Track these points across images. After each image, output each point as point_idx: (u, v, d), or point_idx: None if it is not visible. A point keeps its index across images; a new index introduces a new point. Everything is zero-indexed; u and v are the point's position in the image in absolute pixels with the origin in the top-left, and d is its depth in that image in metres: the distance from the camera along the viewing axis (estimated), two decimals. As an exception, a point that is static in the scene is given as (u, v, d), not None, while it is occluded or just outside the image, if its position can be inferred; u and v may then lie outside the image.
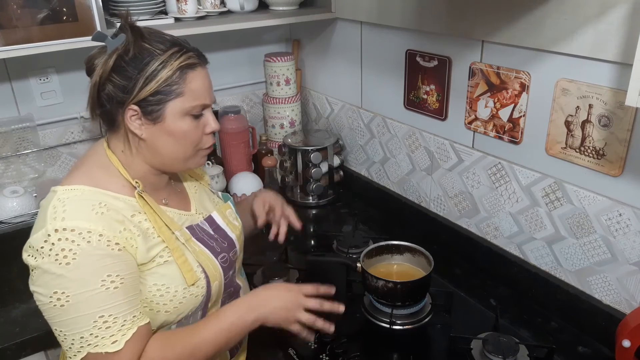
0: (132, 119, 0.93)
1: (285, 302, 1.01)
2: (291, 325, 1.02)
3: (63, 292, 0.83)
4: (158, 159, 0.98)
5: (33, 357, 1.25)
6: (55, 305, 0.84)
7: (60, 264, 0.82)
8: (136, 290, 0.90)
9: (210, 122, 0.99)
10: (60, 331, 0.85)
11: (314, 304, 1.03)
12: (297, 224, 1.27)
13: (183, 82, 0.92)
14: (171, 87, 0.91)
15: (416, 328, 1.22)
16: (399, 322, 1.22)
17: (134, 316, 0.88)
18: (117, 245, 0.87)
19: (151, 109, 0.92)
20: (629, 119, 1.03)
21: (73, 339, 0.85)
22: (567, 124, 1.15)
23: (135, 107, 0.91)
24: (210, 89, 0.99)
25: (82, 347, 0.85)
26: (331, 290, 1.08)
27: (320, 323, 1.03)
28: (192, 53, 0.94)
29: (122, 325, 0.86)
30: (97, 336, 0.84)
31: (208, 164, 1.83)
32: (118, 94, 0.91)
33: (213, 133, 1.01)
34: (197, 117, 0.96)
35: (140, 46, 0.90)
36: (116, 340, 0.85)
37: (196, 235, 1.02)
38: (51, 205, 0.87)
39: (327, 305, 1.04)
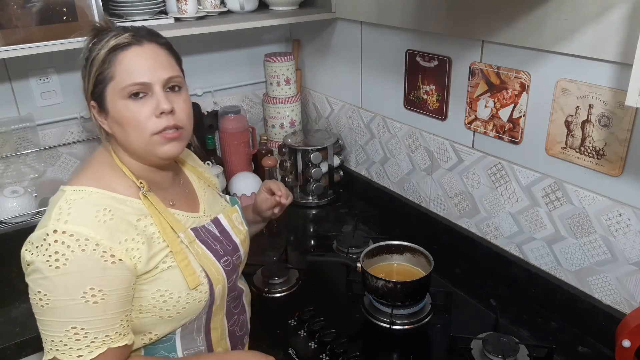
0: (96, 115, 0.94)
1: None
2: None
3: (45, 295, 0.83)
4: (129, 151, 0.96)
5: (33, 357, 1.24)
6: (37, 304, 0.85)
7: (50, 265, 0.82)
8: (118, 309, 0.87)
9: (159, 103, 0.90)
10: (40, 327, 0.87)
11: None
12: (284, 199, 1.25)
13: (113, 64, 0.89)
14: (104, 73, 0.89)
15: (416, 328, 1.22)
16: (399, 322, 1.22)
17: (106, 335, 0.86)
18: (113, 257, 0.85)
19: (100, 101, 0.92)
20: (629, 119, 1.03)
21: (46, 339, 0.86)
22: (567, 124, 1.15)
23: (94, 103, 0.93)
24: (155, 67, 0.90)
25: (51, 349, 0.85)
26: None
27: None
28: (126, 34, 0.90)
29: (91, 342, 0.85)
30: (65, 345, 0.84)
31: (208, 163, 1.83)
32: (84, 95, 0.93)
33: (170, 114, 0.91)
34: (139, 98, 0.90)
35: (93, 43, 0.91)
36: (81, 355, 0.84)
37: (200, 237, 1.01)
38: (57, 205, 0.87)
39: None
